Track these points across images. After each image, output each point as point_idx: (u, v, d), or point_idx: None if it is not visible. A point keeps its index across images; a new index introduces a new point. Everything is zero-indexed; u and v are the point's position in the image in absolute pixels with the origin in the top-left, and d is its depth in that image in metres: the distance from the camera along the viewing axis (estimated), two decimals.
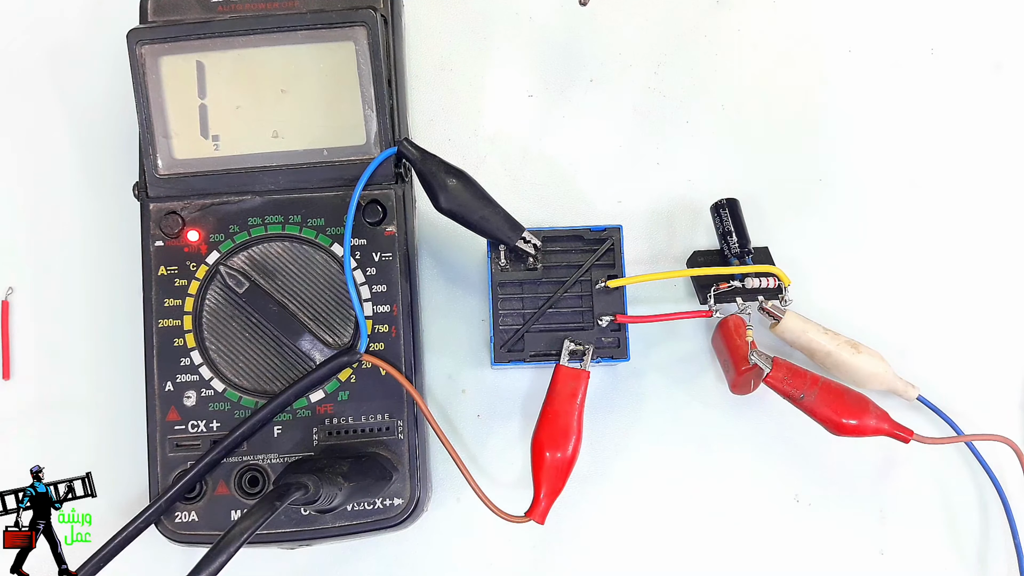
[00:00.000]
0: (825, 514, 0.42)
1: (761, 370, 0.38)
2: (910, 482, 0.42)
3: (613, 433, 0.42)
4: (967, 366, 0.43)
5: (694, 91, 0.45)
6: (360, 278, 0.38)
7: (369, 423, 0.37)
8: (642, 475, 0.42)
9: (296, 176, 0.38)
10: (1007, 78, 0.46)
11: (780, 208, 0.44)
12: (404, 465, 0.37)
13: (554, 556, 0.41)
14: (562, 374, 0.39)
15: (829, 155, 0.45)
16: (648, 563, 0.41)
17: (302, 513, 0.36)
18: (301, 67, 0.38)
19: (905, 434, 0.38)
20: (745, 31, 0.45)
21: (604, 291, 0.40)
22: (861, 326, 0.41)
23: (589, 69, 0.45)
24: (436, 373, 0.42)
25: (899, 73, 0.46)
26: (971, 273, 0.44)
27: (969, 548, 0.42)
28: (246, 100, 0.38)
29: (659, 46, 0.45)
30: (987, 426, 0.42)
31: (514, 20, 0.45)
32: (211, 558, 0.25)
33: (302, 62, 0.38)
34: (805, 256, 0.43)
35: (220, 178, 0.38)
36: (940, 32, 0.46)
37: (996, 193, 0.45)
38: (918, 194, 0.45)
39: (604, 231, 0.40)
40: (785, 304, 0.40)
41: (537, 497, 0.37)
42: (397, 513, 0.37)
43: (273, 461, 0.37)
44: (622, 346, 0.40)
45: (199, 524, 0.36)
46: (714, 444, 0.42)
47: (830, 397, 0.38)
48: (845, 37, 0.46)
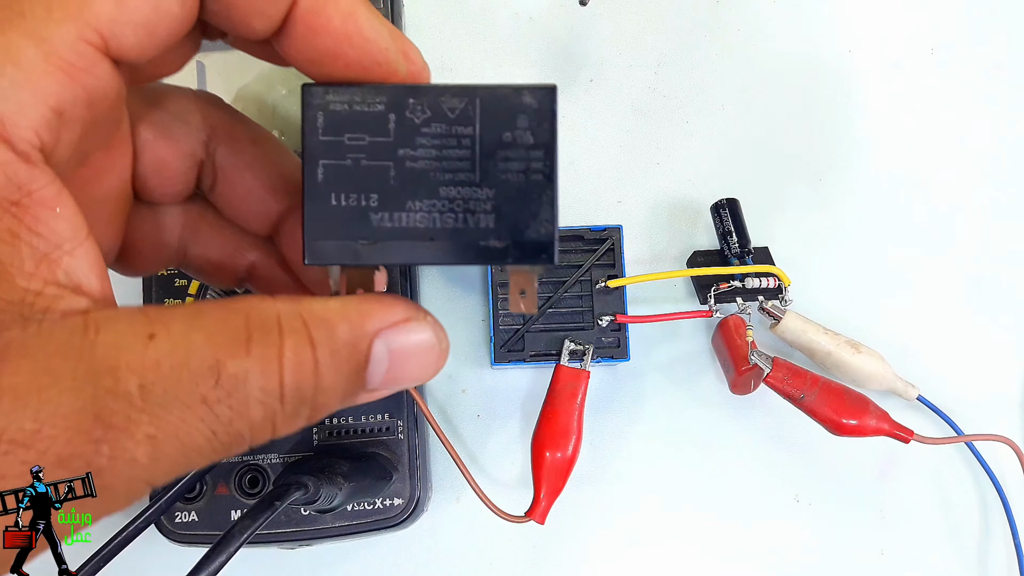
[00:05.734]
0: (825, 514, 0.42)
1: (761, 370, 0.38)
2: (910, 482, 0.42)
3: (613, 433, 0.42)
4: (967, 366, 0.43)
5: (694, 91, 0.45)
6: None
7: (369, 423, 0.37)
8: (642, 475, 0.42)
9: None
10: (1007, 78, 0.46)
11: (780, 208, 0.44)
12: (404, 465, 0.37)
13: (554, 556, 0.41)
14: (562, 374, 0.39)
15: (829, 155, 0.45)
16: (648, 563, 0.41)
17: (302, 513, 0.36)
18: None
19: (905, 434, 0.38)
20: (745, 31, 0.45)
21: (604, 291, 0.40)
22: (861, 326, 0.41)
23: (589, 69, 0.45)
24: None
25: (899, 73, 0.46)
26: (971, 273, 0.44)
27: (969, 548, 0.42)
28: (247, 101, 0.38)
29: (659, 46, 0.45)
30: (987, 426, 0.42)
31: (514, 20, 0.45)
32: (211, 558, 0.25)
33: None
34: (805, 256, 0.43)
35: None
36: (940, 32, 0.46)
37: (996, 193, 0.45)
38: (918, 194, 0.45)
39: (604, 231, 0.40)
40: (785, 304, 0.40)
41: (537, 497, 0.37)
42: (397, 513, 0.37)
43: (273, 461, 0.37)
44: (622, 346, 0.40)
45: (199, 524, 0.36)
46: (714, 444, 0.42)
47: (830, 397, 0.38)
48: (845, 37, 0.46)
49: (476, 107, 0.18)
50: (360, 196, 0.18)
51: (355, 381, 0.17)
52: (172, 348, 0.15)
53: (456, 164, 0.18)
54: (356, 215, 0.18)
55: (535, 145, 0.19)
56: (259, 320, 0.16)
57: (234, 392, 0.15)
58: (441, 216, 0.18)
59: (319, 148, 0.18)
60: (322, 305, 0.17)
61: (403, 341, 0.18)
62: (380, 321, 0.17)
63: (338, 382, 0.17)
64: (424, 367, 0.18)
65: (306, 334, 0.16)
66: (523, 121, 0.18)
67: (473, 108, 0.18)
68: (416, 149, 0.18)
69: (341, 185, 0.18)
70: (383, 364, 0.17)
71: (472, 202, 0.18)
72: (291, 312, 0.16)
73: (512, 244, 0.18)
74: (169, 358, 0.15)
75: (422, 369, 0.18)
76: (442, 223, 0.18)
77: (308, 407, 0.16)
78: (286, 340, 0.16)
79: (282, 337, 0.16)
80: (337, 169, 0.18)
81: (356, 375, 0.17)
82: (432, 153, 0.18)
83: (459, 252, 0.18)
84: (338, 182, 0.18)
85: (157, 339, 0.15)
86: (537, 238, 0.18)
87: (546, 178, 0.19)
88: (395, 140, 0.18)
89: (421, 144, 0.18)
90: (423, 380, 0.19)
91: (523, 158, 0.18)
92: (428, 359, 0.18)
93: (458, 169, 0.18)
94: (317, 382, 0.16)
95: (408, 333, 0.18)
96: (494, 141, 0.18)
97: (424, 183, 0.18)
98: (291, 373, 0.16)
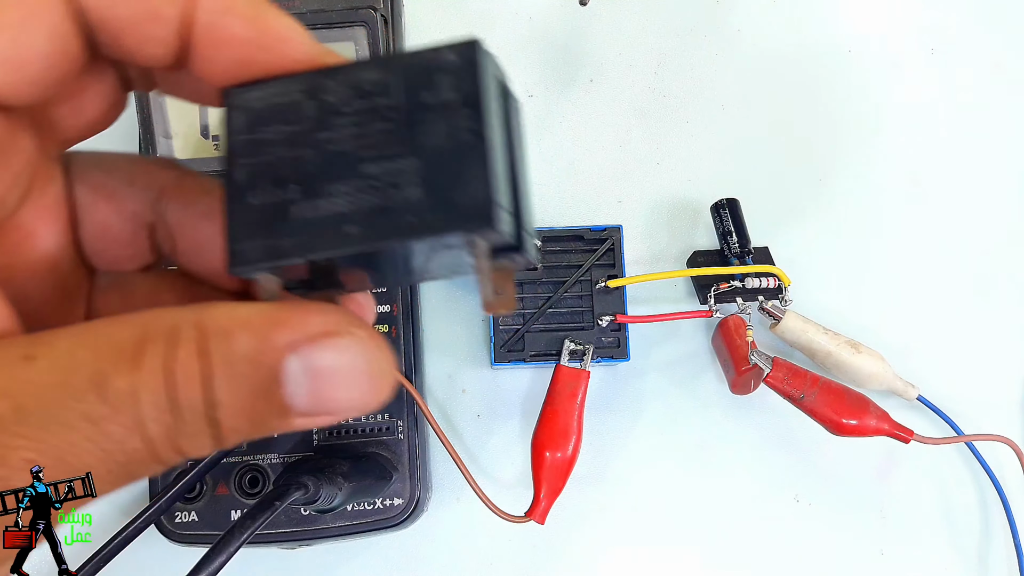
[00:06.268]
0: (825, 514, 0.42)
1: (761, 370, 0.38)
2: (910, 482, 0.42)
3: (613, 433, 0.42)
4: (967, 366, 0.43)
5: (694, 91, 0.45)
6: None
7: (369, 423, 0.37)
8: (642, 475, 0.42)
9: None
10: (1007, 78, 0.46)
11: (780, 208, 0.44)
12: (404, 465, 0.37)
13: (554, 556, 0.41)
14: (562, 374, 0.39)
15: (829, 155, 0.45)
16: (648, 563, 0.41)
17: (302, 513, 0.36)
18: None
19: (905, 434, 0.38)
20: (745, 31, 0.45)
21: (604, 291, 0.40)
22: (861, 326, 0.41)
23: (589, 69, 0.45)
24: (436, 373, 0.42)
25: (899, 73, 0.46)
26: (971, 273, 0.44)
27: (969, 548, 0.42)
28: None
29: (659, 46, 0.45)
30: (987, 426, 0.42)
31: (514, 20, 0.45)
32: (211, 558, 0.25)
33: None
34: (805, 256, 0.43)
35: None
36: (940, 32, 0.46)
37: (996, 193, 0.45)
38: (918, 194, 0.45)
39: (604, 231, 0.40)
40: (785, 304, 0.40)
41: (537, 497, 0.37)
42: (397, 513, 0.37)
43: (273, 461, 0.37)
44: (622, 346, 0.40)
45: (199, 524, 0.36)
46: (714, 444, 0.42)
47: (830, 397, 0.38)
48: (845, 37, 0.46)
49: (397, 76, 0.16)
50: (281, 190, 0.16)
51: (267, 400, 0.15)
52: (51, 366, 0.14)
53: (379, 139, 0.16)
54: (276, 211, 0.16)
55: (462, 103, 0.16)
56: (155, 331, 0.14)
57: (123, 408, 0.14)
58: (364, 196, 0.16)
59: (238, 148, 0.17)
60: (227, 312, 0.15)
61: (320, 360, 0.15)
62: (293, 333, 0.15)
63: (238, 399, 0.15)
64: (354, 394, 0.15)
65: (200, 344, 0.14)
66: (446, 80, 0.16)
67: (394, 77, 0.16)
68: (336, 131, 0.16)
69: (261, 182, 0.16)
70: (302, 385, 0.15)
71: (398, 175, 0.16)
72: (190, 321, 0.15)
73: (444, 214, 0.16)
74: (48, 377, 0.14)
75: (351, 396, 0.15)
76: (367, 203, 0.16)
77: (208, 425, 0.15)
78: (179, 351, 0.14)
79: (175, 348, 0.14)
80: (256, 167, 0.16)
81: (266, 394, 0.15)
82: (354, 131, 0.16)
83: (387, 231, 0.16)
84: (258, 180, 0.16)
85: (37, 360, 0.14)
86: (471, 203, 0.15)
87: (476, 136, 0.16)
88: (315, 126, 0.16)
89: (340, 125, 0.16)
90: (361, 409, 0.16)
91: (450, 119, 0.16)
92: (357, 384, 0.15)
93: (381, 144, 0.16)
94: (209, 397, 0.14)
95: (325, 351, 0.15)
96: (417, 107, 0.16)
97: (344, 164, 0.16)
98: (183, 387, 0.14)
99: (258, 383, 0.15)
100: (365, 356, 0.15)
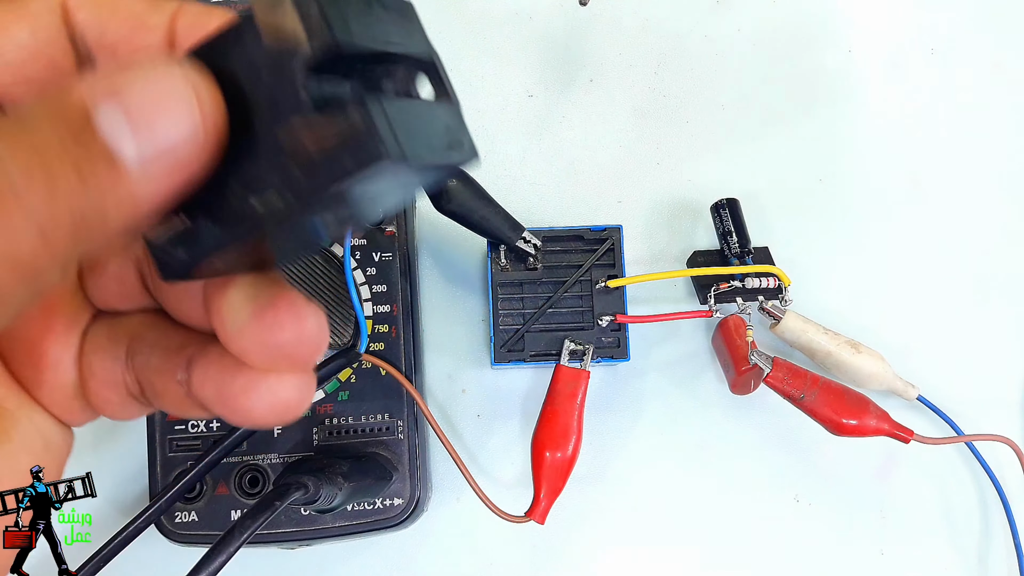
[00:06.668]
0: (825, 514, 0.42)
1: (761, 370, 0.38)
2: (910, 482, 0.42)
3: (613, 433, 0.42)
4: (967, 366, 0.43)
5: (694, 91, 0.45)
6: (360, 278, 0.38)
7: (369, 423, 0.37)
8: (642, 475, 0.42)
9: None
10: (1007, 78, 0.46)
11: (780, 208, 0.44)
12: (404, 465, 0.37)
13: (554, 556, 0.41)
14: (562, 374, 0.39)
15: (829, 155, 0.45)
16: (648, 563, 0.41)
17: (302, 513, 0.36)
18: None
19: (905, 434, 0.38)
20: (745, 31, 0.45)
21: (604, 291, 0.40)
22: (861, 326, 0.41)
23: (589, 69, 0.45)
24: (436, 373, 0.42)
25: (899, 73, 0.46)
26: (971, 273, 0.44)
27: (969, 548, 0.42)
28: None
29: (659, 46, 0.45)
30: (987, 426, 0.42)
31: (514, 20, 0.45)
32: (211, 558, 0.25)
33: None
34: (805, 256, 0.43)
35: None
36: (940, 32, 0.46)
37: (996, 193, 0.45)
38: (918, 194, 0.45)
39: (604, 231, 0.40)
40: (785, 304, 0.40)
41: (537, 497, 0.37)
42: (397, 513, 0.37)
43: (273, 461, 0.37)
44: (622, 346, 0.40)
45: (199, 524, 0.36)
46: (714, 444, 0.42)
47: (830, 397, 0.38)
48: (845, 37, 0.46)
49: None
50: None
51: (84, 146, 0.13)
52: None
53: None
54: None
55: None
56: None
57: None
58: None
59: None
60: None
61: (127, 86, 0.13)
62: (96, 78, 0.13)
63: (49, 138, 0.13)
64: (181, 122, 0.13)
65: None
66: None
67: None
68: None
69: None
70: (117, 120, 0.13)
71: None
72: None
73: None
74: None
75: (179, 124, 0.13)
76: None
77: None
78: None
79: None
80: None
81: (79, 135, 0.13)
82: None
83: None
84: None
85: None
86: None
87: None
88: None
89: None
90: (194, 142, 0.14)
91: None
92: (178, 110, 0.13)
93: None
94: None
95: (130, 78, 0.13)
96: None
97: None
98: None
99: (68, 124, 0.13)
100: (185, 80, 0.14)
